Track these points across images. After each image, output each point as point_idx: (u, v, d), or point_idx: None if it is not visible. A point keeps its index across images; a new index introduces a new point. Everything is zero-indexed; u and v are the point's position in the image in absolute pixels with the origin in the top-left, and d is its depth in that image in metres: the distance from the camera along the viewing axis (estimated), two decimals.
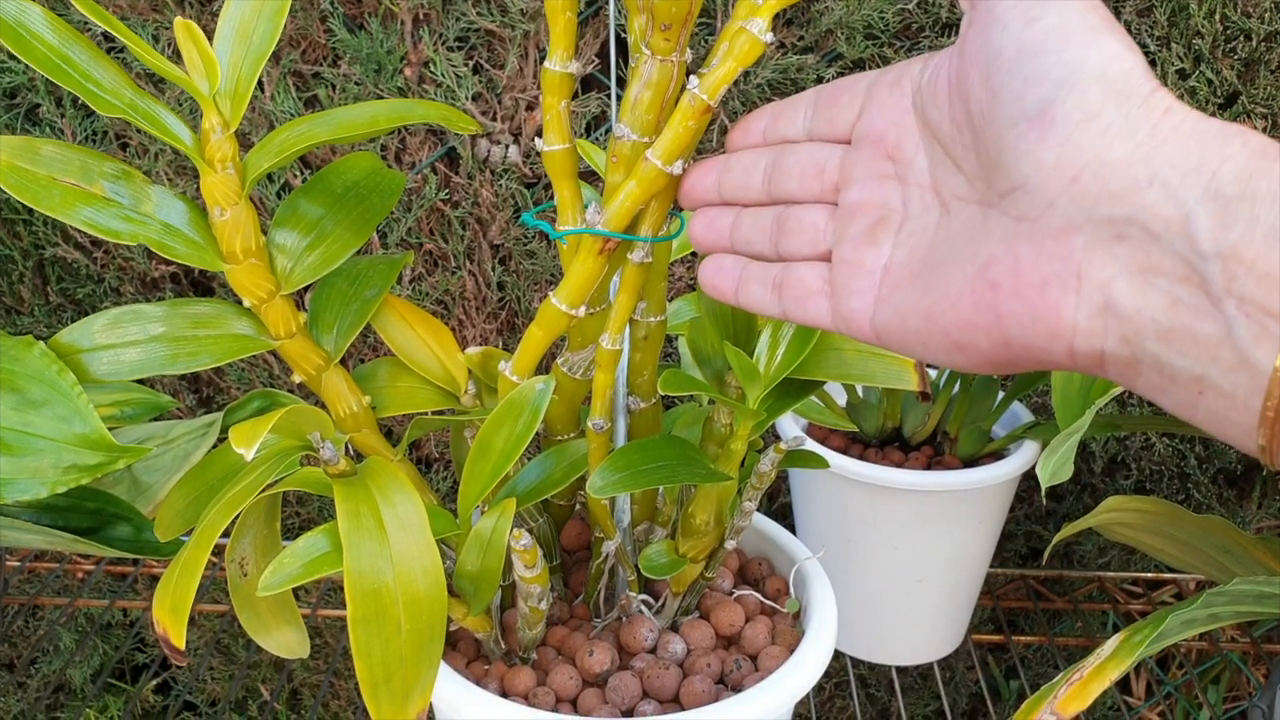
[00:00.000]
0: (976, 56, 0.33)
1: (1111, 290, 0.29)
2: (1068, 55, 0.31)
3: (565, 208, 0.49)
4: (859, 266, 0.37)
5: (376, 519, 0.46)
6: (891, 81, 0.37)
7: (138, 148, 0.91)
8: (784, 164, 0.40)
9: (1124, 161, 0.29)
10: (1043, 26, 0.31)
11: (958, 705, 1.11)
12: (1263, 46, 0.86)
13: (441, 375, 0.56)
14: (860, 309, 0.36)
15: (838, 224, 0.38)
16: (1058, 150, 0.30)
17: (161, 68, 0.44)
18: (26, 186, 0.46)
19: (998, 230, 0.32)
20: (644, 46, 0.43)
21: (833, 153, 0.39)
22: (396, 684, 0.44)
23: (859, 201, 0.37)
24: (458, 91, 0.88)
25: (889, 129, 0.37)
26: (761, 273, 0.40)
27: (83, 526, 0.54)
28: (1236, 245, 0.27)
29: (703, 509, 0.53)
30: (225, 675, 1.13)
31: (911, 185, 0.36)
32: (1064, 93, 0.30)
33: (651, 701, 0.54)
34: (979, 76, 0.33)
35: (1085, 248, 0.30)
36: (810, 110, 0.40)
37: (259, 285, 0.50)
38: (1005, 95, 0.31)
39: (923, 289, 0.34)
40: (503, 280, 0.95)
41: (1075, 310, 0.30)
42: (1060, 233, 0.30)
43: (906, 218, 0.36)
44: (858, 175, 0.38)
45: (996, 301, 0.31)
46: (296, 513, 1.04)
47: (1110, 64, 0.30)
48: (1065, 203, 0.30)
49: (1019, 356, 0.32)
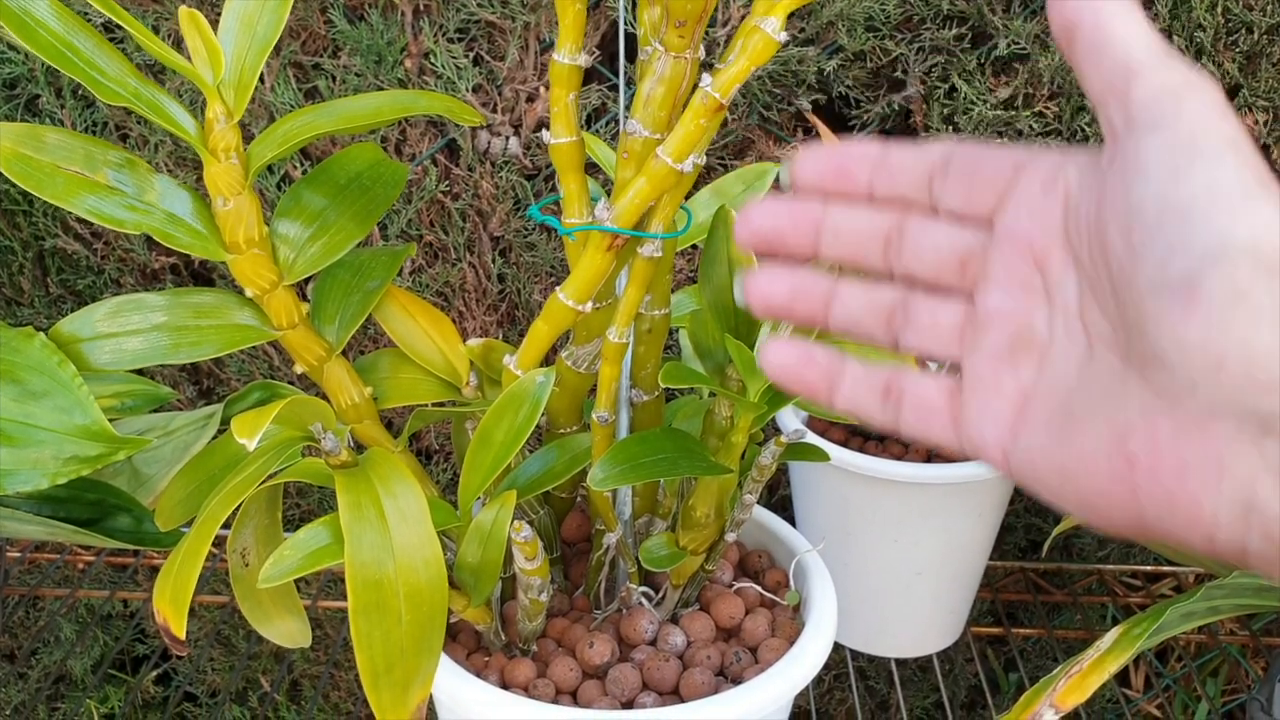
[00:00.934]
0: (1116, 205, 0.29)
1: (1255, 488, 0.27)
2: (1217, 223, 0.27)
3: (572, 201, 0.49)
4: (996, 389, 0.32)
5: (378, 510, 0.46)
6: (1045, 179, 0.32)
7: (138, 139, 0.91)
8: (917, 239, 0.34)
9: (1275, 350, 0.26)
10: (1190, 185, 0.28)
11: (957, 697, 1.11)
12: (1265, 39, 0.86)
13: (443, 367, 0.56)
14: (993, 438, 0.32)
15: (974, 332, 0.33)
16: (1202, 332, 0.27)
17: (166, 57, 0.44)
18: (30, 174, 0.46)
19: (1137, 397, 0.29)
20: (657, 43, 0.43)
21: (975, 240, 0.33)
22: (397, 675, 0.44)
23: (999, 310, 0.33)
24: (458, 83, 0.88)
25: (1037, 235, 0.32)
26: (864, 372, 0.35)
27: (83, 517, 0.54)
28: None
29: (703, 501, 0.54)
30: (226, 666, 1.13)
31: (1058, 308, 0.32)
32: (1210, 267, 0.27)
33: (651, 693, 0.54)
34: (1118, 229, 0.29)
35: (1228, 438, 0.27)
36: (941, 174, 0.34)
37: (261, 275, 0.50)
38: (1147, 258, 0.28)
39: (1058, 440, 0.31)
40: (503, 272, 0.95)
41: (1216, 503, 0.27)
42: (1202, 418, 0.27)
43: (1051, 344, 0.32)
44: (999, 276, 0.33)
45: (1133, 478, 0.29)
46: (297, 504, 1.04)
47: (1263, 236, 0.27)
48: (1208, 387, 0.27)
49: (1152, 533, 0.30)
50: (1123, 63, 0.30)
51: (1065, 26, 0.31)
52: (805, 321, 0.36)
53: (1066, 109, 0.89)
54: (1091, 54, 0.30)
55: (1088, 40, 0.30)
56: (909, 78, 0.91)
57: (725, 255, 0.52)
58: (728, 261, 0.52)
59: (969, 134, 0.90)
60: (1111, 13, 0.30)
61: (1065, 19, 0.31)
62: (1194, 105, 0.29)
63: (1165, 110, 0.29)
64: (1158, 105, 0.29)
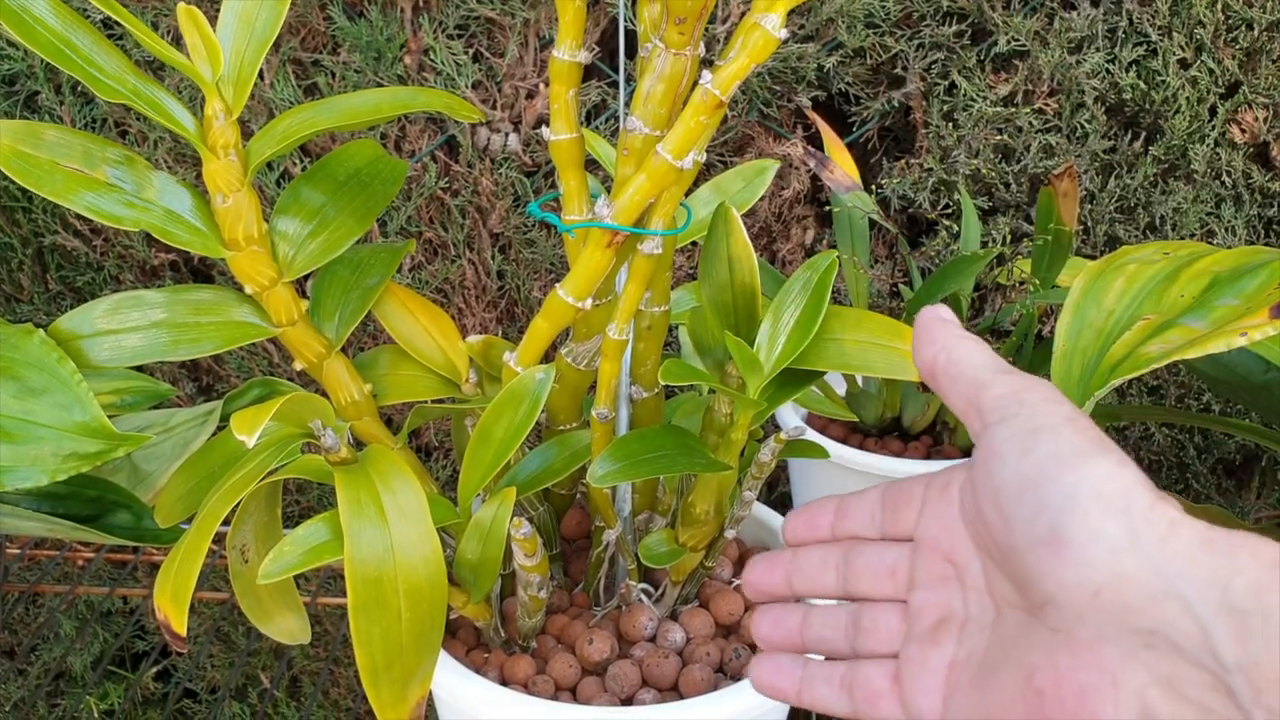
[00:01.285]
0: (985, 488, 0.35)
1: (1147, 698, 0.30)
2: (1063, 481, 0.33)
3: (572, 198, 0.49)
4: (924, 666, 0.38)
5: (377, 507, 0.46)
6: (941, 487, 0.39)
7: (137, 135, 0.91)
8: (856, 564, 0.41)
9: (1138, 575, 0.31)
10: (1037, 457, 0.33)
11: None
12: (1264, 36, 0.86)
13: (443, 363, 0.56)
14: (929, 709, 0.37)
15: (908, 624, 0.39)
16: (1074, 569, 0.32)
17: (165, 53, 0.44)
18: (29, 171, 0.46)
19: (1039, 639, 0.33)
20: (657, 39, 0.43)
21: (901, 553, 0.40)
22: (396, 671, 0.44)
23: (924, 603, 0.39)
24: (458, 79, 0.88)
25: (943, 535, 0.38)
26: (825, 672, 0.41)
27: (83, 514, 0.54)
28: (1259, 658, 0.28)
29: (703, 498, 0.54)
30: (225, 663, 1.13)
31: (970, 588, 0.37)
32: (1066, 517, 0.32)
33: (651, 690, 0.54)
34: (990, 505, 0.35)
35: (1117, 658, 0.31)
36: (878, 509, 0.42)
37: (261, 272, 0.50)
38: (1017, 523, 0.33)
39: (980, 692, 0.35)
40: (502, 269, 0.95)
41: (1115, 717, 0.30)
42: (1092, 643, 0.31)
43: (968, 619, 0.37)
44: (922, 577, 0.39)
45: (1043, 708, 0.32)
46: (296, 500, 1.04)
47: (1103, 483, 0.32)
48: (1092, 616, 0.31)
49: None
50: (973, 380, 0.37)
51: (928, 364, 0.38)
52: (787, 645, 0.43)
53: (1066, 105, 0.89)
54: (949, 380, 0.38)
55: (944, 372, 0.38)
56: (909, 74, 0.91)
57: (726, 252, 0.52)
58: (728, 259, 0.52)
59: (969, 130, 0.90)
60: (960, 348, 0.38)
61: (926, 360, 0.38)
62: (1032, 398, 0.35)
63: (1010, 406, 0.35)
64: (1004, 404, 0.35)
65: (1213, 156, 0.89)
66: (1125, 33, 0.88)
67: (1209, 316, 0.49)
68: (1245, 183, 0.90)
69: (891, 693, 0.39)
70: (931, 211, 0.93)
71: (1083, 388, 0.71)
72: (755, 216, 0.95)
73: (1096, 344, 0.52)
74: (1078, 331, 0.53)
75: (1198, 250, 0.55)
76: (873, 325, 0.50)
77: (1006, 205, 0.93)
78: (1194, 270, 0.53)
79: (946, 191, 0.93)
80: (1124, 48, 0.88)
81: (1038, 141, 0.90)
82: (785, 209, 0.96)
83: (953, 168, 0.91)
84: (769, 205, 0.95)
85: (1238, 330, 0.47)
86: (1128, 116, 0.91)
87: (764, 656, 0.43)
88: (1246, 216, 0.91)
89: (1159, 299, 0.52)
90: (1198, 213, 0.91)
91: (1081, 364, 0.52)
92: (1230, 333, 0.47)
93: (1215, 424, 0.75)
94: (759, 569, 0.44)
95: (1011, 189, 0.92)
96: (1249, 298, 0.49)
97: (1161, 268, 0.53)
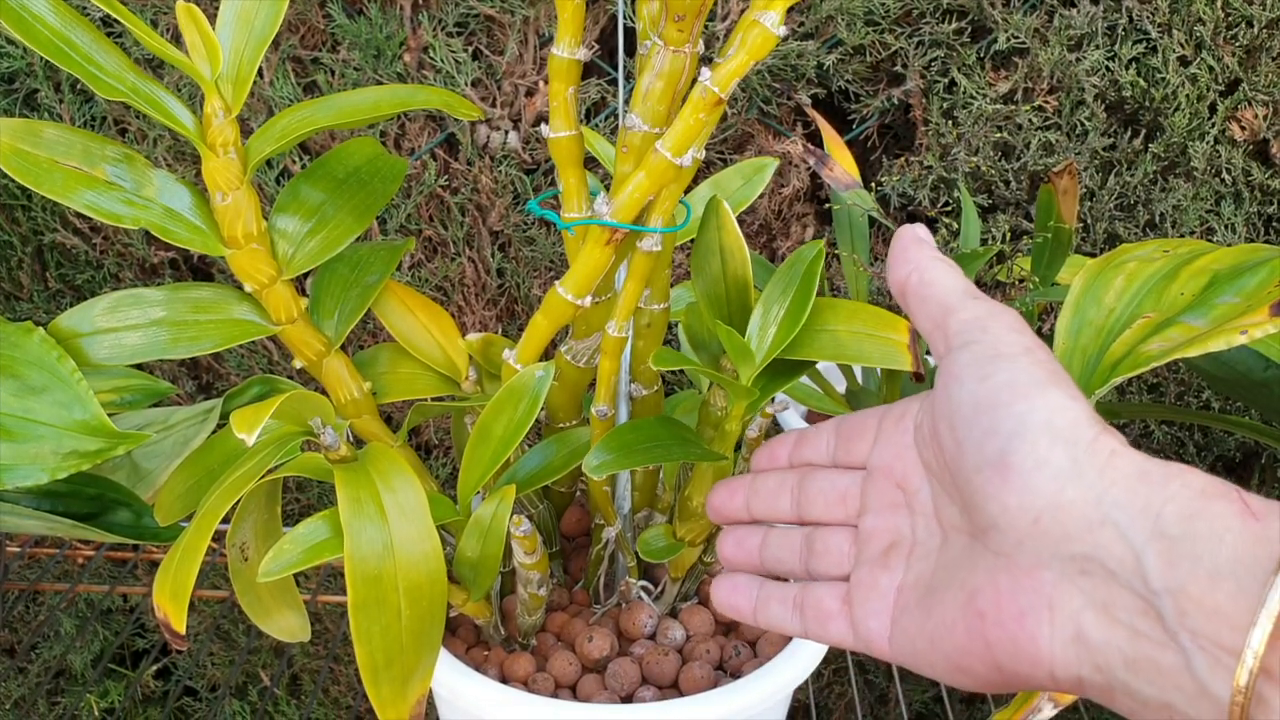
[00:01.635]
0: (942, 409, 0.36)
1: (1080, 622, 0.31)
2: (1016, 408, 0.34)
3: (571, 195, 0.49)
4: (873, 589, 0.39)
5: (377, 505, 0.46)
6: (897, 417, 0.40)
7: (136, 133, 0.91)
8: (809, 489, 0.43)
9: (1077, 503, 0.32)
10: (994, 383, 0.35)
11: (956, 691, 1.11)
12: (1264, 33, 0.86)
13: (442, 361, 0.56)
14: (877, 630, 0.38)
15: (858, 548, 0.40)
16: (1018, 495, 0.33)
17: (164, 51, 0.44)
18: (28, 169, 0.46)
19: (982, 562, 0.34)
20: (656, 37, 0.43)
21: (853, 480, 0.42)
22: (396, 670, 0.44)
23: (874, 528, 0.40)
24: (457, 77, 0.88)
25: (895, 462, 0.40)
26: (780, 593, 0.42)
27: (83, 512, 0.54)
28: (1184, 582, 0.29)
29: (699, 491, 0.54)
30: (225, 661, 1.13)
31: (918, 514, 0.39)
32: (1016, 443, 0.33)
33: (651, 687, 0.54)
34: (945, 427, 0.36)
35: (1054, 582, 0.32)
36: (833, 439, 0.43)
37: (260, 270, 0.50)
38: (968, 445, 0.35)
39: (925, 614, 0.36)
40: (502, 267, 0.95)
41: (1050, 640, 0.32)
42: (1031, 568, 0.33)
43: (915, 543, 0.39)
44: (873, 503, 0.40)
45: (984, 629, 0.34)
46: (296, 499, 1.04)
47: (1055, 414, 0.33)
48: (1032, 541, 0.33)
49: (1010, 680, 0.34)
50: (941, 303, 0.38)
51: (899, 284, 0.39)
52: (746, 565, 0.44)
53: (1066, 103, 0.89)
54: (918, 301, 0.39)
55: (915, 292, 0.39)
56: (908, 72, 0.91)
57: (718, 246, 0.52)
58: (720, 252, 0.52)
59: (968, 128, 0.90)
60: (933, 270, 0.39)
61: (899, 279, 0.39)
62: (995, 326, 0.36)
63: (973, 332, 0.36)
64: (967, 329, 0.37)
65: (1213, 154, 0.89)
66: (1125, 30, 0.88)
67: (1209, 314, 0.49)
68: (1245, 180, 0.90)
69: (841, 614, 0.40)
70: (931, 209, 0.93)
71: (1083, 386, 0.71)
72: (755, 214, 0.95)
73: (1096, 342, 0.52)
74: (1078, 329, 0.52)
75: (1198, 248, 0.55)
76: (867, 316, 0.50)
77: (1006, 203, 0.93)
78: (1194, 268, 0.52)
79: (946, 189, 0.93)
80: (1124, 45, 0.88)
81: (1037, 139, 0.90)
82: (785, 207, 0.96)
83: (952, 165, 0.91)
84: (768, 203, 0.95)
85: (1238, 328, 0.47)
86: (1127, 114, 0.91)
87: (724, 576, 0.44)
88: (1246, 214, 0.91)
89: (1159, 297, 0.52)
90: (1198, 210, 0.91)
91: (1081, 362, 0.52)
92: (1230, 330, 0.47)
93: (1215, 421, 0.75)
94: (720, 494, 0.46)
95: (1011, 186, 0.92)
96: (1249, 295, 0.49)
97: (1161, 265, 0.53)
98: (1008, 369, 0.35)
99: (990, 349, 0.36)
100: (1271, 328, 0.46)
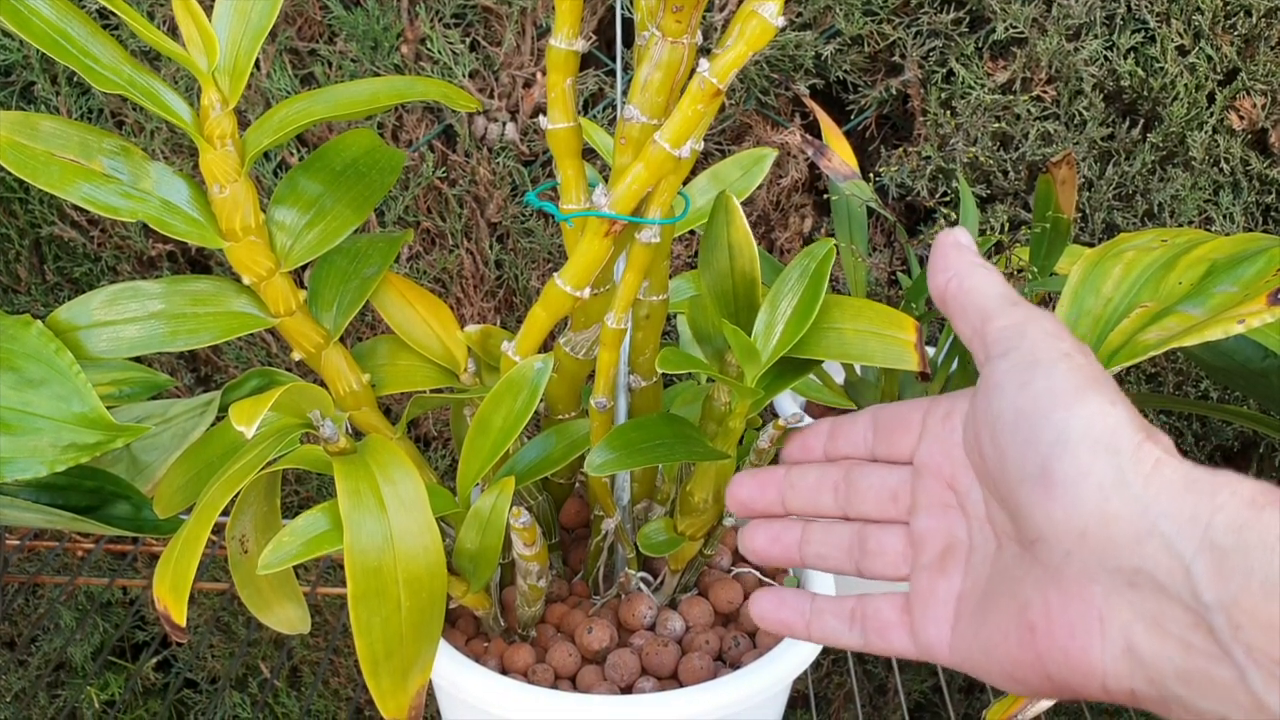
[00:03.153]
0: (984, 418, 0.36)
1: (1131, 635, 0.31)
2: (1055, 417, 0.33)
3: (569, 187, 0.48)
4: (933, 596, 0.38)
5: (376, 497, 0.46)
6: (943, 414, 0.39)
7: (133, 125, 0.91)
8: (858, 485, 0.42)
9: (1123, 515, 0.31)
10: (1032, 391, 0.34)
11: (954, 681, 1.11)
12: (1263, 22, 0.86)
13: (441, 353, 0.56)
14: (938, 638, 0.38)
15: (914, 550, 0.40)
16: (1063, 508, 0.32)
17: (160, 44, 0.44)
18: (25, 162, 0.46)
19: (1032, 573, 0.34)
20: (655, 28, 0.43)
21: (903, 476, 0.41)
22: (396, 661, 0.45)
23: (928, 529, 0.39)
24: (455, 69, 0.88)
25: (944, 461, 0.39)
26: (834, 606, 0.41)
27: (82, 505, 0.54)
28: (1237, 596, 0.29)
29: (701, 487, 0.54)
30: (225, 653, 1.13)
31: (972, 516, 0.38)
32: (1057, 452, 0.33)
33: (650, 678, 0.55)
34: (987, 436, 0.35)
35: (1103, 596, 0.31)
36: (870, 432, 0.42)
37: (258, 263, 0.50)
38: (1010, 456, 0.34)
39: (980, 623, 0.36)
40: (500, 258, 0.95)
41: (1102, 653, 0.31)
42: (1080, 581, 0.32)
43: (972, 548, 0.38)
44: (924, 502, 0.40)
45: (1035, 642, 0.33)
46: (295, 491, 1.05)
47: (1094, 421, 0.33)
48: (1079, 554, 0.32)
49: (1062, 690, 0.34)
50: (981, 310, 0.37)
51: (939, 290, 0.39)
52: (784, 561, 0.43)
53: (1065, 93, 0.89)
54: (958, 308, 0.38)
55: (954, 299, 0.38)
56: (907, 62, 0.91)
57: (725, 240, 0.52)
58: (728, 247, 0.52)
59: (967, 118, 0.90)
60: (973, 276, 0.38)
61: (939, 286, 0.39)
62: (1034, 331, 0.36)
63: (1012, 339, 0.36)
64: (1006, 336, 0.36)
65: (1211, 143, 0.89)
66: (1123, 19, 0.87)
67: (1207, 304, 0.49)
68: (1243, 169, 0.90)
69: (901, 623, 0.39)
70: (930, 199, 0.93)
71: None
72: (753, 205, 0.95)
73: (1094, 331, 0.52)
74: (1076, 319, 0.52)
75: (1196, 237, 0.55)
76: (872, 315, 0.50)
77: (1004, 193, 0.93)
78: (1192, 257, 0.52)
79: (945, 179, 0.93)
80: (1122, 34, 0.87)
81: (1036, 129, 0.90)
82: (783, 197, 0.96)
83: (951, 155, 0.91)
84: (767, 194, 0.95)
85: (1235, 317, 0.47)
86: (1126, 104, 0.91)
87: (768, 591, 0.43)
88: (1244, 203, 0.91)
89: (1157, 286, 0.52)
90: (1196, 200, 0.91)
91: None
92: (1228, 320, 0.47)
93: (1213, 411, 0.75)
94: (747, 486, 0.44)
95: (1009, 176, 0.92)
96: (1247, 285, 0.49)
97: (1159, 255, 0.53)
98: (1046, 376, 0.34)
99: (1028, 356, 0.35)
100: (1269, 316, 0.46)
